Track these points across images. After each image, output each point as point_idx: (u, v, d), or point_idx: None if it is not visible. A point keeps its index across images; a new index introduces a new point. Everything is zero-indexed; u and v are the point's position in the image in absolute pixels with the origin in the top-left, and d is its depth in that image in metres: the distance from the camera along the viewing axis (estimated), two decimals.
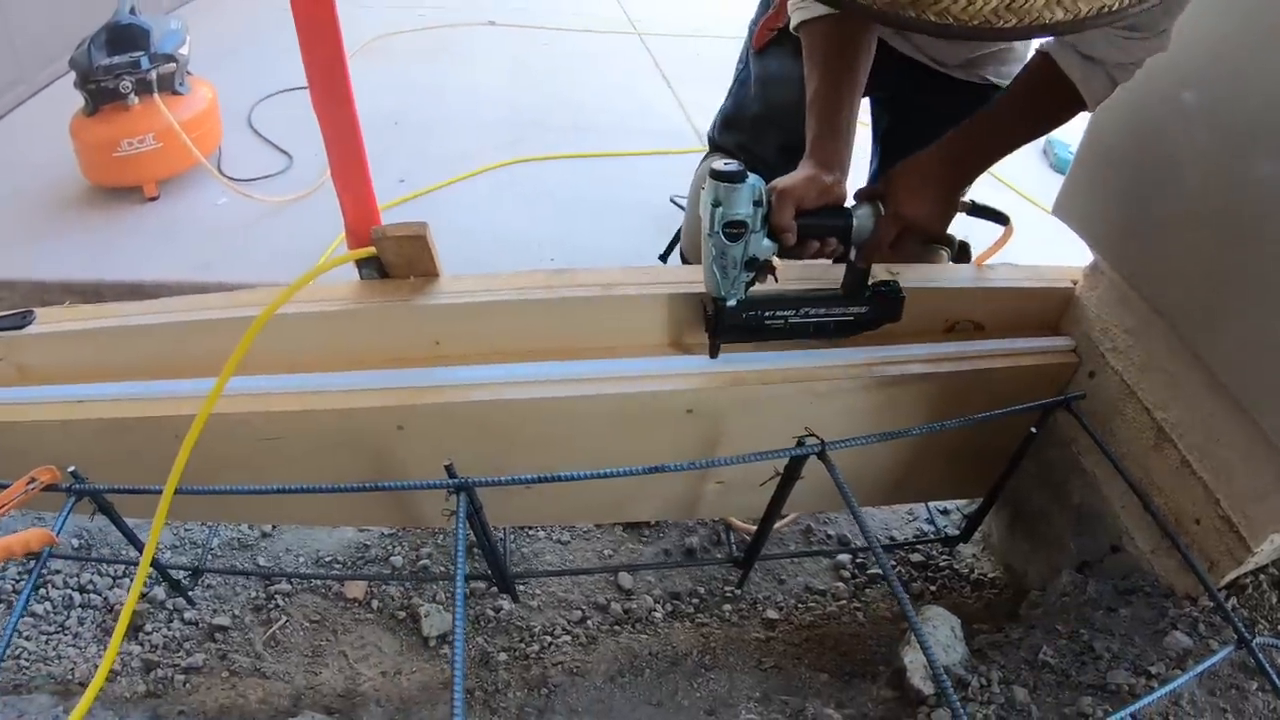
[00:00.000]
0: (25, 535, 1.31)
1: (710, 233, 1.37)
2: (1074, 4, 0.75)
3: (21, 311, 1.74)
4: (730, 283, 1.43)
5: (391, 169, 1.55)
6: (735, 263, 1.40)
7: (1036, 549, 1.90)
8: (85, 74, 2.80)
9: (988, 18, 0.76)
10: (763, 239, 1.40)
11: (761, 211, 1.36)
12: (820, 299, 1.55)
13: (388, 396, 1.52)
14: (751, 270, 1.43)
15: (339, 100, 1.43)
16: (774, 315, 1.52)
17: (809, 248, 1.48)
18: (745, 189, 1.33)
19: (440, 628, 1.88)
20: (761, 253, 1.41)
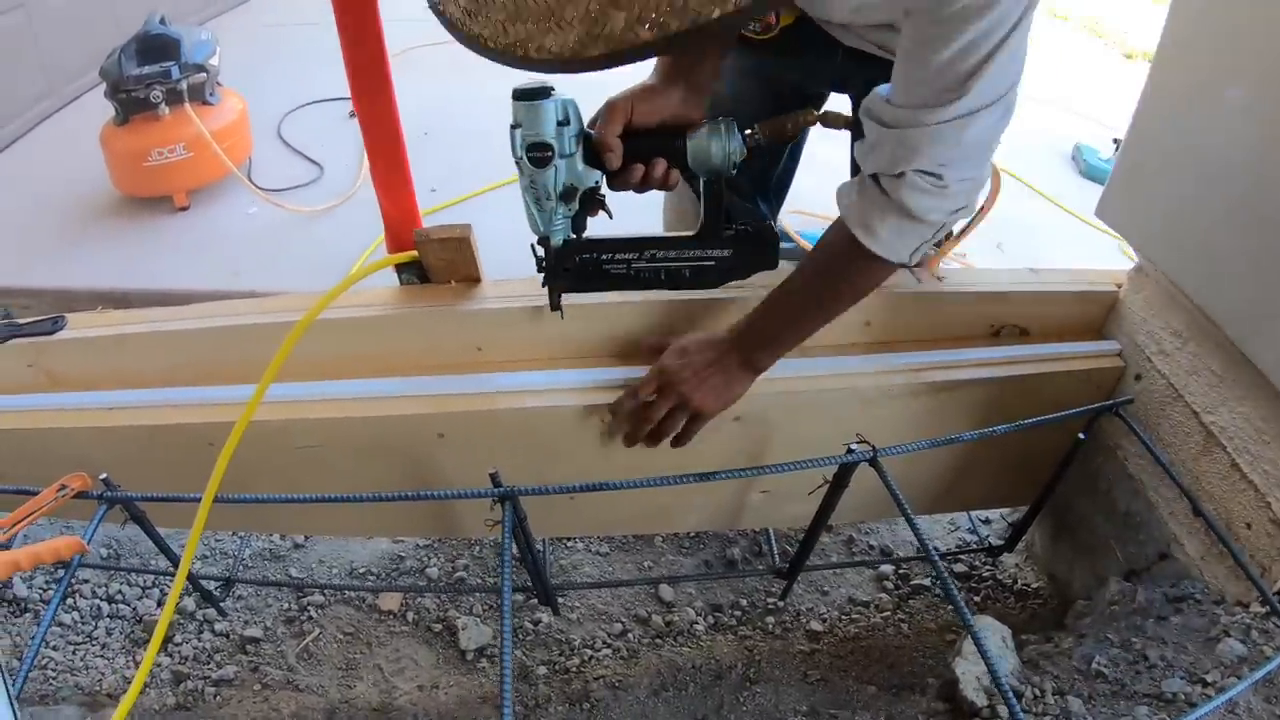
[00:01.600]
0: (55, 543, 1.29)
1: (515, 158, 1.23)
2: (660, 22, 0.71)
3: (52, 317, 1.73)
4: (548, 217, 1.28)
5: (423, 178, 1.53)
6: (548, 192, 1.24)
7: (1081, 557, 1.86)
8: (116, 84, 2.80)
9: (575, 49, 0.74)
10: (579, 164, 1.24)
11: (570, 132, 1.20)
12: (669, 240, 1.39)
13: (429, 404, 1.49)
14: (570, 201, 1.28)
15: (380, 101, 1.41)
16: (613, 259, 1.38)
17: (634, 172, 1.28)
18: (547, 106, 1.18)
19: (478, 640, 1.85)
20: (580, 181, 1.25)
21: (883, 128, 1.17)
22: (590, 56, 0.74)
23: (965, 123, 1.11)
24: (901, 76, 1.14)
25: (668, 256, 1.39)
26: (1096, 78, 4.74)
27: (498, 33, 0.78)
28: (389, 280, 1.60)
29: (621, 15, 0.70)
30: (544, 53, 0.75)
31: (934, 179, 1.17)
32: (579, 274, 1.37)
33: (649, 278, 1.41)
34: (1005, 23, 1.03)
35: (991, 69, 1.06)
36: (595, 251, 1.37)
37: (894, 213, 1.21)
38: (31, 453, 1.65)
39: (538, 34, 0.75)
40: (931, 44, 1.06)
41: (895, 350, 1.65)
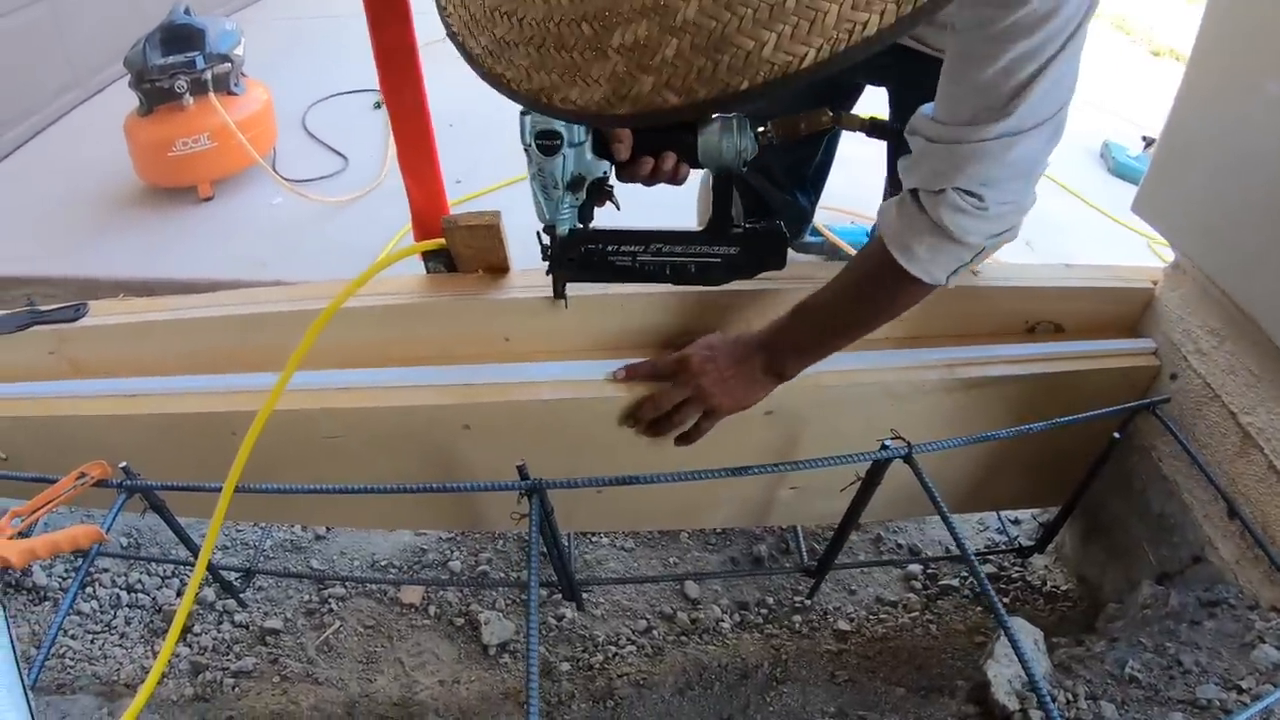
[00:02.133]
0: (73, 531, 1.28)
1: (524, 145, 1.22)
2: (688, 88, 0.69)
3: (74, 304, 1.72)
4: (555, 205, 1.27)
5: (449, 170, 1.53)
6: (556, 181, 1.24)
7: (1113, 560, 1.84)
8: (140, 74, 2.79)
9: (601, 105, 0.71)
10: (587, 153, 1.24)
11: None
12: (676, 235, 1.38)
13: (455, 394, 1.47)
14: (578, 191, 1.27)
15: (409, 88, 1.39)
16: (619, 251, 1.36)
17: (643, 164, 1.27)
18: None
19: (501, 636, 1.83)
20: (589, 170, 1.25)
21: (924, 141, 1.15)
22: (615, 114, 0.72)
23: (1010, 143, 1.08)
24: (946, 92, 1.12)
25: (674, 251, 1.37)
26: (1124, 75, 4.68)
27: (521, 76, 0.75)
28: (415, 268, 1.58)
29: (649, 79, 0.68)
30: (569, 104, 0.73)
31: (975, 199, 1.15)
32: (583, 264, 1.37)
33: (654, 271, 1.39)
34: (1053, 43, 1.01)
35: (1038, 89, 1.04)
36: (601, 242, 1.36)
37: (932, 232, 1.19)
38: (51, 440, 1.64)
39: (563, 85, 0.73)
40: (978, 60, 1.04)
41: (928, 345, 1.62)
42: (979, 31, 1.01)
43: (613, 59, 0.68)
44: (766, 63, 0.66)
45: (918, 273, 1.23)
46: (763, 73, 0.67)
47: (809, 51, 0.66)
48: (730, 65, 0.66)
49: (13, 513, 1.26)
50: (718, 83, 0.67)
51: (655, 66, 0.67)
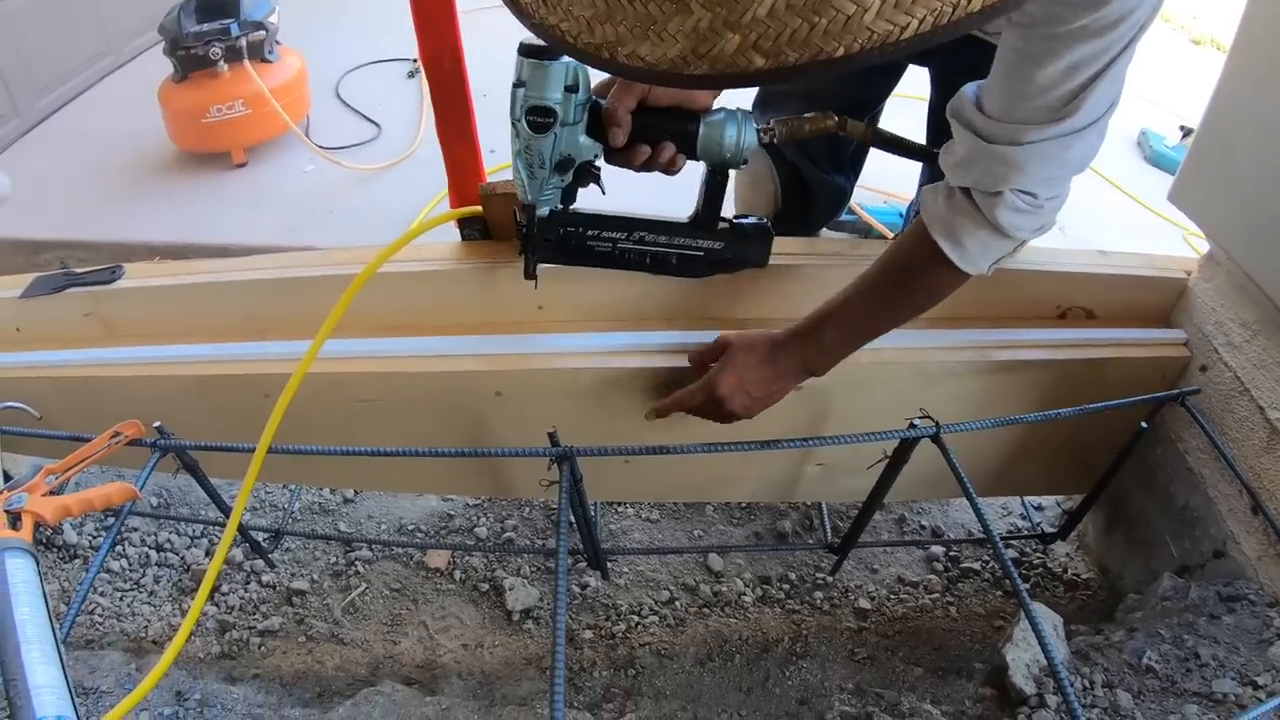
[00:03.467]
0: (107, 489, 1.29)
1: (513, 119, 1.16)
2: (777, 51, 0.63)
3: (110, 266, 1.74)
4: (539, 185, 1.22)
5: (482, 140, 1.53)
6: (543, 160, 1.18)
7: (1135, 550, 1.83)
8: (175, 40, 2.81)
9: (675, 63, 0.66)
10: (579, 135, 1.18)
11: (577, 99, 1.14)
12: (660, 225, 1.34)
13: (489, 362, 1.48)
14: (565, 173, 1.22)
15: (448, 54, 1.39)
16: (599, 236, 1.33)
17: (638, 152, 1.22)
18: (556, 68, 1.11)
19: (525, 602, 1.85)
20: (579, 152, 1.19)
21: (977, 139, 1.12)
22: (689, 74, 0.67)
23: (1068, 142, 1.06)
24: (1001, 89, 1.08)
25: (656, 241, 1.35)
26: (1163, 63, 4.62)
27: (579, 28, 0.70)
28: (449, 236, 1.59)
29: (735, 38, 0.63)
30: (635, 60, 0.68)
31: (1030, 198, 1.13)
32: (560, 246, 1.34)
33: (633, 260, 1.37)
34: (1118, 44, 0.99)
35: (1098, 89, 1.02)
36: (582, 226, 1.32)
37: (985, 228, 1.18)
38: (85, 400, 1.66)
39: (631, 39, 0.67)
40: (1039, 58, 1.01)
41: (959, 327, 1.61)
42: (1045, 29, 0.98)
43: (696, 13, 0.63)
44: (867, 29, 0.62)
45: (965, 265, 1.22)
46: (860, 40, 0.63)
47: (912, 21, 0.62)
48: (827, 29, 0.62)
49: (46, 470, 1.27)
50: (811, 47, 0.63)
51: (744, 24, 0.63)
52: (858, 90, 1.72)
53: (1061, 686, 1.08)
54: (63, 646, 1.06)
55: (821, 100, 1.47)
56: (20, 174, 3.00)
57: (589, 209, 1.32)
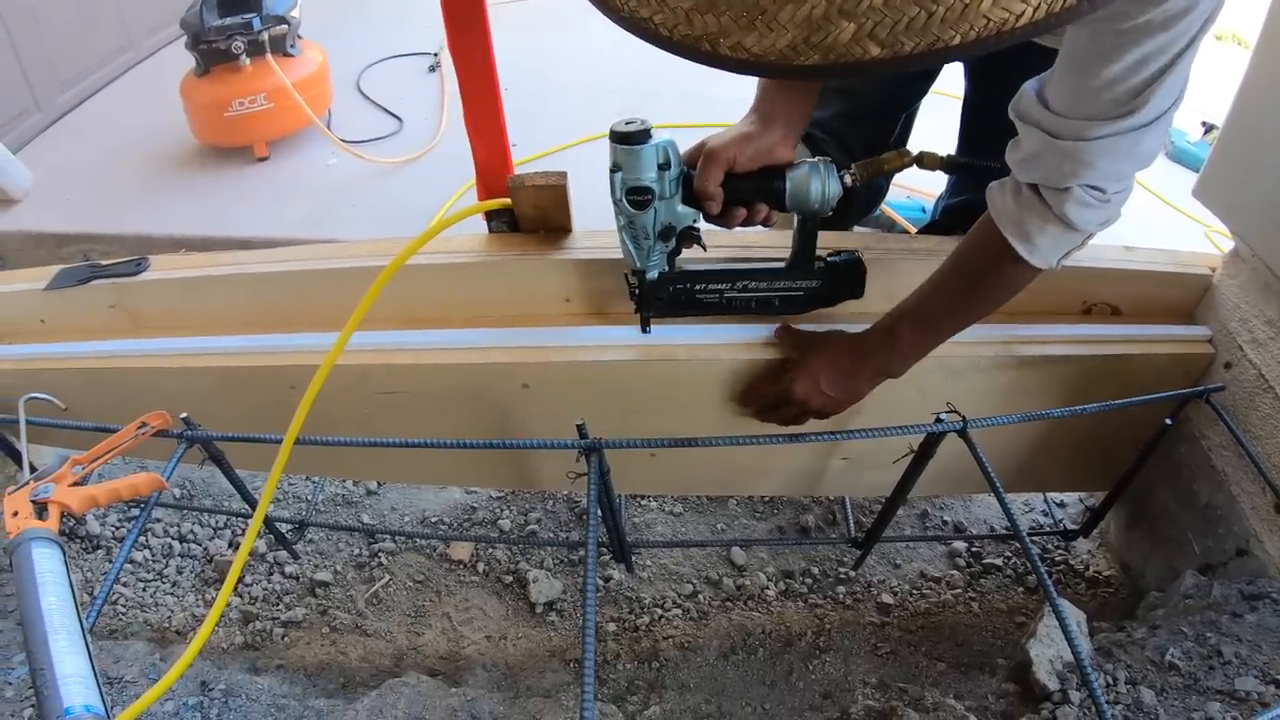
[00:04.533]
0: (134, 479, 1.31)
1: (615, 200, 1.23)
2: (894, 39, 0.63)
3: (135, 259, 1.75)
4: (645, 254, 1.29)
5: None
6: (646, 232, 1.26)
7: (1157, 548, 1.82)
8: (197, 35, 2.82)
9: (784, 54, 0.65)
10: (677, 205, 1.25)
11: (670, 175, 1.21)
12: (761, 273, 1.41)
13: (517, 354, 1.49)
14: (669, 239, 1.28)
15: (477, 46, 1.39)
16: (706, 289, 1.40)
17: (735, 215, 1.29)
18: (647, 151, 1.18)
19: (549, 594, 1.85)
20: (678, 220, 1.26)
21: (1044, 135, 1.12)
22: (798, 65, 0.66)
23: (1137, 137, 1.06)
24: (1067, 84, 1.08)
25: (759, 287, 1.41)
26: None
27: (676, 20, 0.68)
28: (476, 228, 1.59)
29: (850, 26, 0.63)
30: (740, 51, 0.67)
31: (1098, 192, 1.13)
32: (671, 301, 1.39)
33: (740, 305, 1.43)
34: (1184, 37, 0.98)
35: (1166, 83, 1.01)
36: (689, 282, 1.38)
37: (1055, 223, 1.17)
38: (110, 392, 1.68)
39: (735, 30, 0.66)
40: (1107, 54, 1.01)
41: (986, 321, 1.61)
42: (1110, 25, 0.98)
43: (810, 1, 0.62)
44: (983, 17, 0.62)
45: (1036, 260, 1.22)
46: (976, 28, 0.63)
47: (1026, 10, 0.62)
48: (944, 17, 0.62)
49: (73, 460, 1.28)
50: (928, 35, 0.63)
51: (860, 12, 0.62)
52: (896, 90, 1.73)
53: (1087, 682, 1.08)
54: (89, 636, 1.06)
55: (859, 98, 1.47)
56: (42, 168, 3.01)
57: (694, 265, 1.39)
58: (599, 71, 3.67)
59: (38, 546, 1.13)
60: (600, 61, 3.75)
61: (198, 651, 1.20)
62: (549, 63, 3.74)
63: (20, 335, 1.81)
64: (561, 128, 3.05)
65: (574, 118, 3.16)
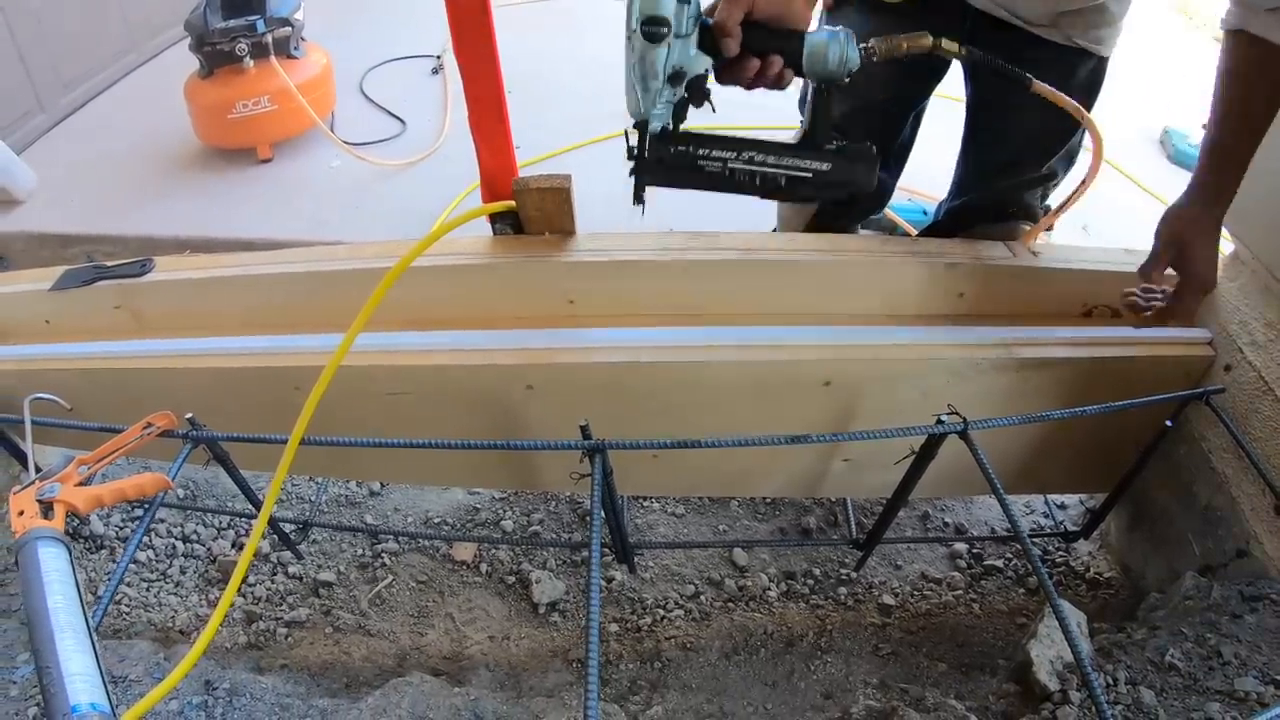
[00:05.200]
0: (140, 479, 1.31)
1: (628, 32, 1.17)
2: None
3: (140, 260, 1.76)
4: (651, 99, 1.21)
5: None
6: (656, 73, 1.18)
7: (1157, 550, 1.83)
8: (201, 37, 2.83)
9: None
10: (691, 48, 1.19)
11: (690, 12, 1.15)
12: (769, 145, 1.31)
13: (521, 355, 1.49)
14: (677, 85, 1.22)
15: (482, 49, 1.40)
16: (709, 155, 1.30)
17: (748, 67, 1.23)
18: None
19: (551, 595, 1.86)
20: (690, 66, 1.20)
21: None
22: None
23: None
24: None
25: (765, 161, 1.32)
26: (1185, 61, 4.61)
27: None
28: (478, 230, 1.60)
29: None
30: None
31: None
32: (671, 166, 1.31)
33: (743, 181, 1.34)
34: None
35: None
36: (692, 145, 1.30)
37: None
38: (114, 392, 1.68)
39: None
40: None
41: (986, 324, 1.62)
42: None
43: None
44: None
45: None
46: None
47: None
48: None
49: (79, 460, 1.28)
50: None
51: None
52: (901, 88, 1.75)
53: (1088, 682, 1.08)
54: (95, 635, 1.06)
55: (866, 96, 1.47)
56: (46, 169, 3.03)
57: (694, 127, 1.31)
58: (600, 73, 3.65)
59: (44, 545, 1.12)
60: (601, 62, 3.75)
61: (203, 650, 1.20)
62: (548, 65, 3.76)
63: (25, 335, 1.82)
64: (562, 130, 3.07)
65: (575, 120, 3.17)
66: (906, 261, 1.60)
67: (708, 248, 1.52)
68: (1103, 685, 1.39)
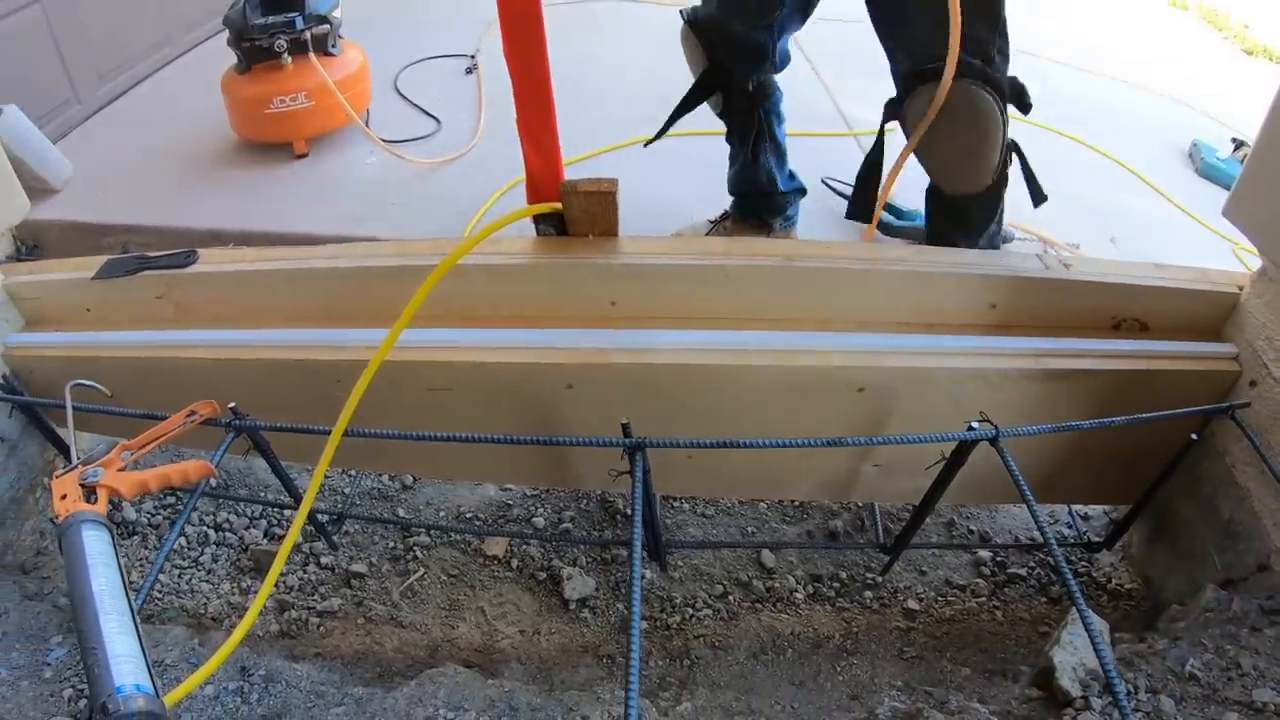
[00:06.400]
0: (184, 466, 1.33)
1: None
2: None
3: (185, 251, 1.79)
4: None
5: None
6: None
7: (1178, 562, 1.84)
8: (240, 33, 2.85)
9: None
10: None
11: None
12: None
13: (564, 354, 1.52)
14: None
15: (534, 55, 1.42)
16: None
17: None
18: None
19: (582, 591, 1.88)
20: None
21: None
22: None
23: None
24: None
25: None
26: (1216, 73, 4.60)
27: None
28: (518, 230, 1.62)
29: None
30: None
31: None
32: None
33: None
34: None
35: None
36: None
37: None
38: (154, 380, 1.72)
39: None
40: None
41: (1016, 334, 1.64)
42: None
43: None
44: None
45: None
46: None
47: None
48: None
49: (123, 446, 1.31)
50: None
51: None
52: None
53: (1112, 688, 1.10)
54: (138, 618, 1.08)
55: None
56: (81, 159, 3.05)
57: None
58: (635, 77, 3.70)
59: (88, 529, 1.15)
60: (636, 66, 3.78)
61: (243, 636, 1.23)
62: (587, 67, 3.78)
63: (66, 323, 1.86)
64: (600, 130, 3.08)
65: (612, 120, 3.18)
66: (940, 272, 1.62)
67: (747, 254, 1.55)
68: (1123, 693, 1.41)
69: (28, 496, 1.90)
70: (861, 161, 2.03)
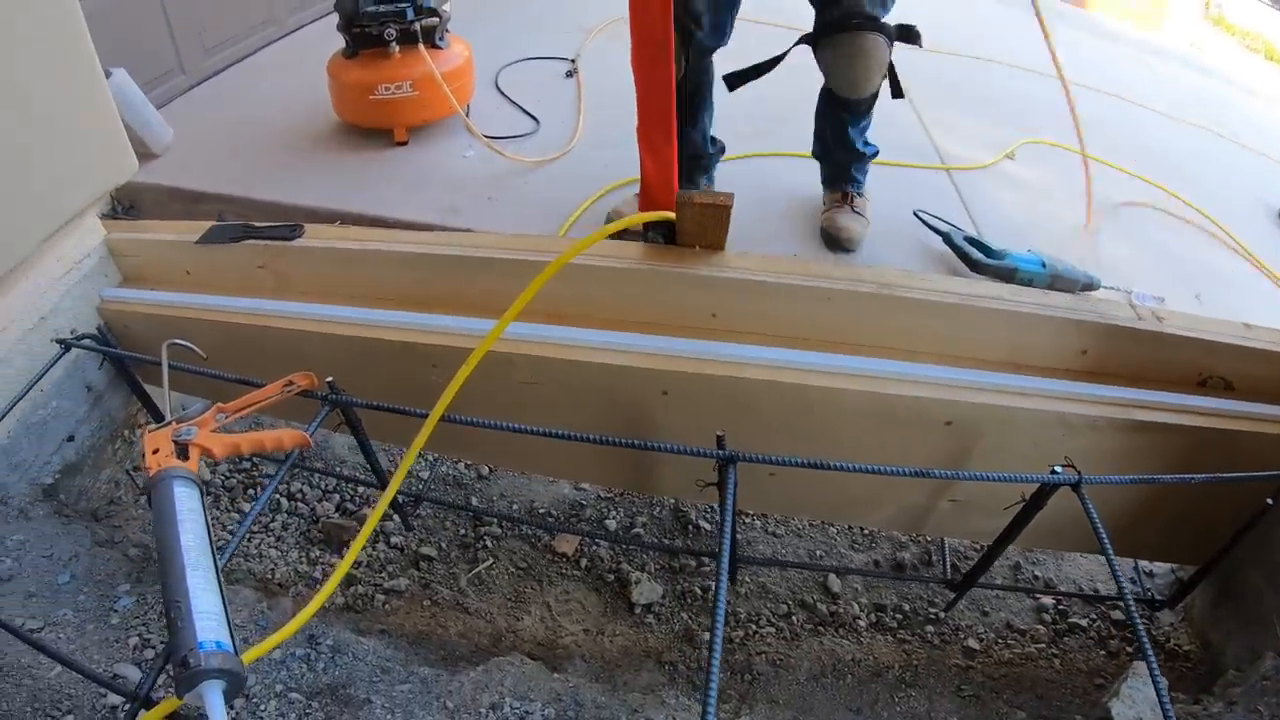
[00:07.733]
0: (279, 433, 1.36)
1: None
2: None
3: (290, 224, 1.84)
4: None
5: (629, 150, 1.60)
6: None
7: (1241, 627, 1.82)
8: (350, 18, 2.92)
9: None
10: None
11: None
12: None
13: (663, 361, 1.55)
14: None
15: (660, 70, 1.45)
16: None
17: None
18: None
19: (649, 597, 1.90)
20: None
21: None
22: None
23: None
24: None
25: None
26: None
27: None
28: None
29: None
30: None
31: None
32: None
33: None
34: None
35: None
36: None
37: None
38: (249, 347, 1.77)
39: None
40: None
41: (1105, 383, 1.64)
42: None
43: None
44: None
45: None
46: None
47: None
48: None
49: (218, 408, 1.34)
50: None
51: None
52: None
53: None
54: (221, 578, 1.09)
55: None
56: (182, 127, 3.14)
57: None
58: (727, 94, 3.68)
59: (179, 484, 1.17)
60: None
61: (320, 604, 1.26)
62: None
63: (163, 283, 1.91)
64: None
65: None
66: (1035, 313, 1.62)
67: (848, 279, 1.56)
68: None
69: (107, 446, 1.95)
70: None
